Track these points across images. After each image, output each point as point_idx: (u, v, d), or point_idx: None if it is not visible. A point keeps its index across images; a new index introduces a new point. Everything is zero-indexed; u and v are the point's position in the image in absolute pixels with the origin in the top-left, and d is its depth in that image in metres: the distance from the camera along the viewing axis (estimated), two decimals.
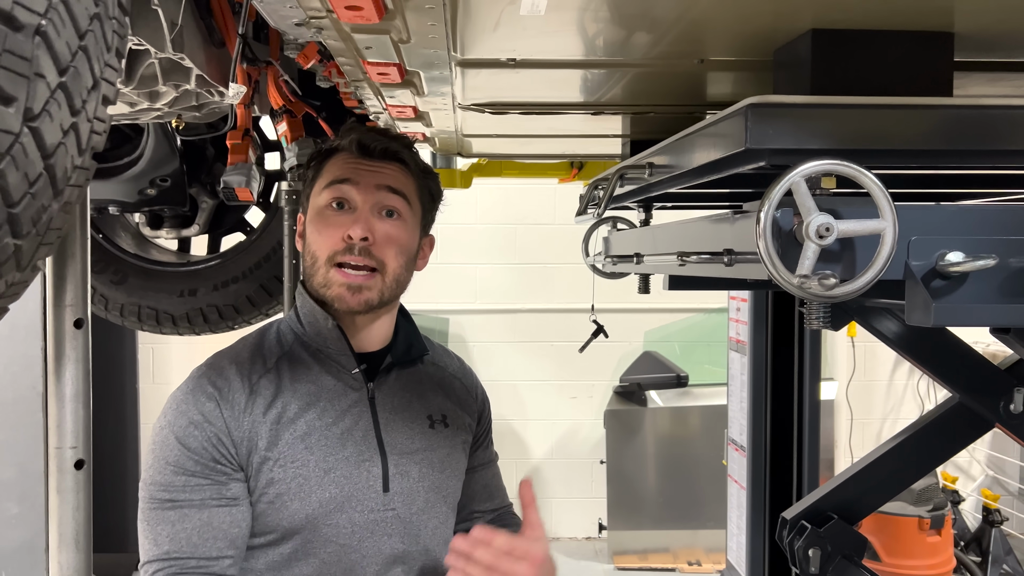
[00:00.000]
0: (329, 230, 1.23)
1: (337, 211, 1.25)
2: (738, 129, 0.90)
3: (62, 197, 0.66)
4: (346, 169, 1.26)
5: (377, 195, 1.25)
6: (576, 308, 4.77)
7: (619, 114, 1.57)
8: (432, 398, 1.39)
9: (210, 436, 1.17)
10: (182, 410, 1.19)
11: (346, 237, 1.21)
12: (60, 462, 0.89)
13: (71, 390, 0.89)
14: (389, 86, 1.34)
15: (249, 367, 1.24)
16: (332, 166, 1.28)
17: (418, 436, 1.32)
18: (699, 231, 1.22)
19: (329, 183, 1.26)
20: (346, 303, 1.23)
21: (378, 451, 1.27)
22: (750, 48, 1.06)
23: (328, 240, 1.23)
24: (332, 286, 1.23)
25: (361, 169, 1.26)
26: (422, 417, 1.35)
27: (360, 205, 1.24)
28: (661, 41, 1.05)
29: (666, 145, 1.20)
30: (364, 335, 1.30)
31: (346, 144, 1.28)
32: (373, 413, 1.29)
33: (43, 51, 0.58)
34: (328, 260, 1.23)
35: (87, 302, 0.94)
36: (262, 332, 1.33)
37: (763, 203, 0.85)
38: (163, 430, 1.18)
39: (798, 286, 0.84)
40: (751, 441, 3.01)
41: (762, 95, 0.89)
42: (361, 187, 1.25)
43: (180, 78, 1.38)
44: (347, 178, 1.25)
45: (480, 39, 1.01)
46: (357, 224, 1.22)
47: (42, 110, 0.59)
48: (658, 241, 1.52)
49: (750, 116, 0.88)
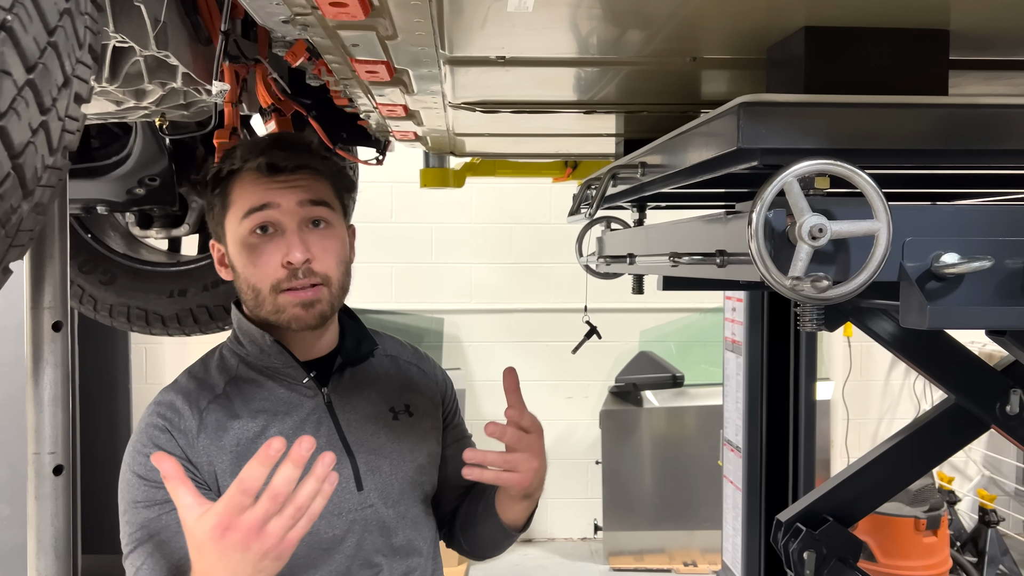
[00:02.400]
0: (263, 260, 1.20)
1: (263, 237, 1.21)
2: (730, 128, 0.89)
3: (32, 198, 0.64)
4: (261, 194, 1.21)
5: (301, 212, 1.21)
6: (571, 308, 4.75)
7: (612, 113, 1.55)
8: (391, 390, 1.37)
9: (168, 439, 1.18)
10: (137, 448, 1.20)
11: (285, 264, 1.19)
12: (39, 468, 0.87)
13: (49, 394, 0.87)
14: (378, 84, 1.32)
15: (196, 396, 1.23)
16: (243, 191, 1.22)
17: (383, 430, 1.32)
18: (692, 232, 1.21)
19: (247, 212, 1.21)
20: (303, 322, 1.22)
21: (345, 452, 1.27)
22: (743, 46, 1.05)
23: (265, 270, 1.20)
24: (285, 311, 1.21)
25: (276, 189, 1.21)
26: (384, 411, 1.34)
27: (287, 226, 1.21)
28: (653, 39, 1.03)
29: (658, 144, 1.19)
30: (310, 343, 1.29)
31: (253, 166, 1.22)
32: (333, 416, 1.28)
33: (8, 47, 0.56)
34: (273, 289, 1.21)
35: (66, 304, 0.92)
36: (204, 361, 1.32)
37: (755, 203, 0.84)
38: (125, 474, 1.19)
39: (790, 288, 0.83)
40: (747, 442, 3.00)
41: (755, 94, 0.87)
42: (283, 209, 1.20)
43: (166, 76, 1.36)
44: (265, 203, 1.20)
45: (468, 36, 0.99)
46: (293, 248, 1.19)
47: (8, 108, 0.57)
48: (651, 241, 1.50)
49: (742, 115, 0.87)
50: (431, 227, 4.72)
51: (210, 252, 1.45)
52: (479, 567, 4.56)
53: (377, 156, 2.09)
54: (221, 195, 1.25)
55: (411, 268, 4.67)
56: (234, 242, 1.23)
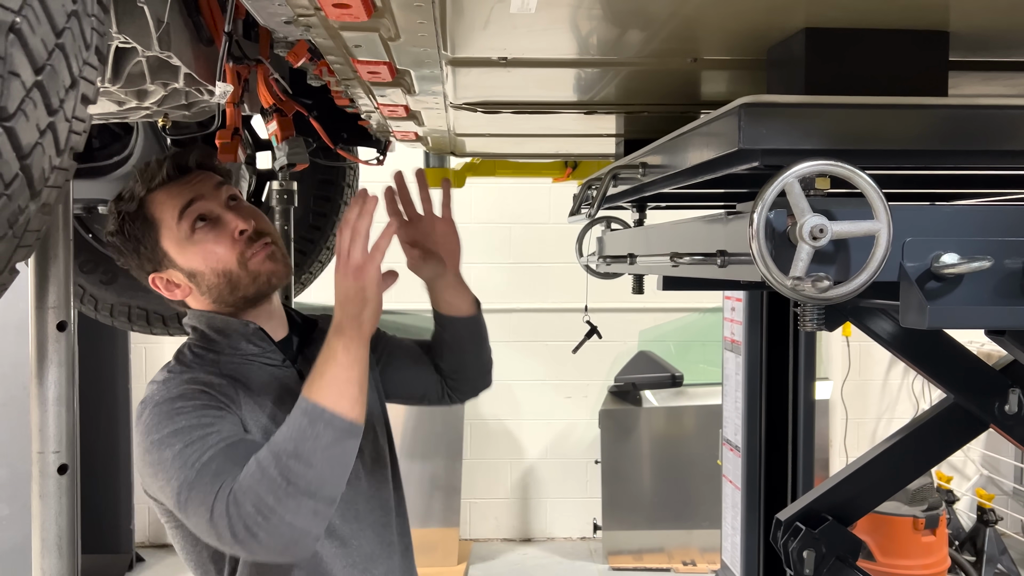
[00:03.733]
0: (220, 243, 1.28)
1: (205, 226, 1.28)
2: (731, 129, 0.89)
3: (40, 198, 0.65)
4: (183, 194, 1.28)
5: (221, 194, 1.31)
6: (571, 308, 4.75)
7: (612, 113, 1.55)
8: None
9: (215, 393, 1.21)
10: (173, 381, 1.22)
11: (238, 235, 1.28)
12: (43, 467, 0.87)
13: (54, 393, 0.87)
14: (380, 85, 1.33)
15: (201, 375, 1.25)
16: (165, 204, 1.28)
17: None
18: (692, 232, 1.21)
19: (181, 213, 1.27)
20: (280, 274, 1.32)
21: None
22: (743, 47, 1.05)
23: (225, 250, 1.28)
24: (262, 272, 1.30)
25: (192, 185, 1.30)
26: None
27: (218, 210, 1.29)
28: (654, 39, 1.03)
29: (659, 145, 1.19)
30: (275, 324, 1.37)
31: (162, 176, 1.30)
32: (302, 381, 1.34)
33: (17, 49, 0.56)
34: (240, 263, 1.28)
35: (71, 304, 0.92)
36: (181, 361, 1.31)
37: (756, 204, 0.84)
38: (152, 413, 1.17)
39: (791, 288, 0.83)
40: (746, 441, 3.01)
41: (755, 95, 0.88)
42: (208, 197, 1.29)
43: (168, 76, 1.37)
44: (191, 198, 1.28)
45: (470, 37, 0.99)
46: (238, 221, 1.29)
47: (17, 109, 0.57)
48: (651, 241, 1.50)
49: (743, 116, 0.87)
50: None
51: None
52: (479, 566, 4.57)
53: (378, 156, 2.10)
54: (143, 224, 1.29)
55: None
56: (181, 250, 1.28)
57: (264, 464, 1.05)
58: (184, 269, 1.28)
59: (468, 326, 1.51)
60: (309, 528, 1.06)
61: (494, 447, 4.86)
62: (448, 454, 4.32)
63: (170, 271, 1.29)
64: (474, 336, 1.53)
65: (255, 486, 1.04)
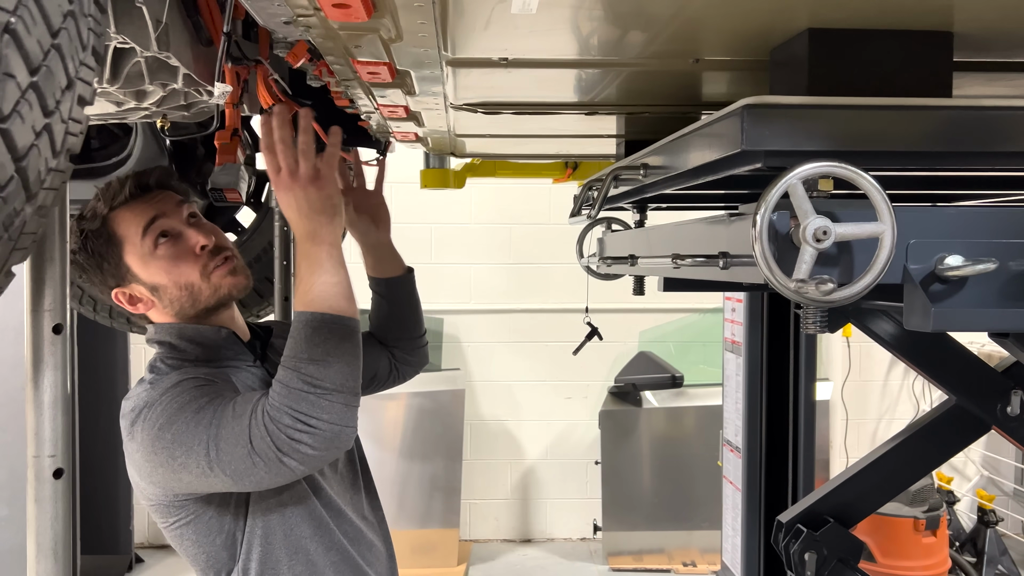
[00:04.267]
0: (181, 258, 1.32)
1: (167, 242, 1.32)
2: (734, 130, 0.88)
3: (36, 201, 0.64)
4: (145, 212, 1.32)
5: (181, 212, 1.36)
6: (571, 308, 4.75)
7: (613, 114, 1.55)
8: None
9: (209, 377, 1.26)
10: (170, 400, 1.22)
11: (199, 251, 1.33)
12: (38, 471, 0.87)
13: (50, 397, 0.87)
14: (380, 85, 1.32)
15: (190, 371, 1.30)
16: (128, 221, 1.32)
17: None
18: (694, 233, 1.20)
19: (144, 230, 1.31)
20: (241, 285, 1.37)
21: None
22: (746, 48, 1.05)
23: (188, 267, 1.32)
24: (223, 285, 1.34)
25: (154, 203, 1.33)
26: None
27: (179, 226, 1.34)
28: (656, 40, 1.03)
29: (661, 146, 1.19)
30: (238, 327, 1.42)
31: (123, 198, 1.33)
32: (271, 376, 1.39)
33: (12, 50, 0.55)
34: (203, 275, 1.33)
35: (66, 307, 0.92)
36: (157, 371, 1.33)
37: (759, 206, 0.84)
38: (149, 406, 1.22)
39: (795, 290, 0.83)
40: (746, 442, 3.00)
41: (758, 95, 0.87)
42: (169, 215, 1.34)
43: (167, 77, 1.36)
44: (154, 216, 1.32)
45: (471, 38, 0.99)
46: (199, 237, 1.33)
47: (12, 111, 0.56)
48: (653, 243, 1.50)
49: (746, 117, 0.87)
50: (430, 227, 4.72)
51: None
52: (479, 567, 4.56)
53: (378, 156, 2.09)
54: (106, 241, 1.32)
55: None
56: (144, 265, 1.32)
57: (286, 380, 1.12)
58: (147, 283, 1.32)
59: (403, 285, 1.65)
60: (346, 420, 1.14)
61: (494, 448, 4.86)
62: (448, 455, 4.31)
63: (133, 285, 1.33)
64: (410, 296, 1.67)
65: (285, 401, 1.11)
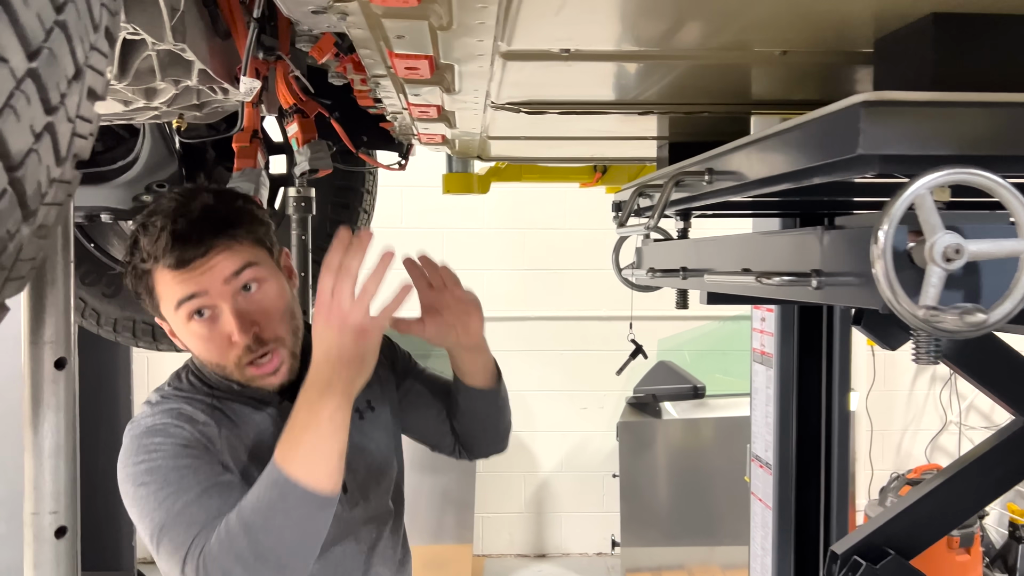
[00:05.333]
0: (214, 343, 1.18)
1: (203, 321, 1.17)
2: (847, 130, 0.76)
3: (35, 219, 0.51)
4: (183, 286, 1.15)
5: (229, 287, 1.16)
6: (586, 316, 4.62)
7: (666, 114, 1.42)
8: None
9: (196, 431, 1.16)
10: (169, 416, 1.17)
11: (232, 339, 1.17)
12: (38, 530, 0.73)
13: (51, 444, 0.74)
14: (416, 82, 1.20)
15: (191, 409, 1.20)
16: (165, 287, 1.16)
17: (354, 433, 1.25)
18: (770, 246, 1.09)
19: (178, 304, 1.16)
20: (273, 385, 1.22)
21: None
22: (846, 37, 0.92)
23: (218, 351, 1.18)
24: (254, 381, 1.21)
25: (195, 278, 1.14)
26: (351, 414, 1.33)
27: (221, 306, 1.16)
28: (745, 27, 0.90)
29: (736, 147, 1.05)
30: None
31: (163, 263, 1.15)
32: None
33: (5, 25, 0.42)
34: (236, 365, 1.19)
35: (71, 337, 0.78)
36: (177, 388, 1.26)
37: (883, 219, 0.72)
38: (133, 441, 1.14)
39: (924, 319, 0.71)
40: (778, 459, 2.89)
41: (874, 91, 0.75)
42: (211, 293, 1.15)
43: (180, 73, 1.24)
44: (191, 294, 1.15)
45: (537, 25, 0.86)
46: (234, 331, 1.16)
47: (4, 106, 0.44)
48: (714, 255, 1.38)
49: (864, 116, 0.74)
50: (443, 232, 4.59)
51: None
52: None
53: (400, 160, 1.96)
54: (146, 290, 1.19)
55: None
56: (179, 330, 1.20)
57: (233, 533, 1.02)
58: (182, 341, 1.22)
59: (485, 398, 1.41)
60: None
61: (507, 460, 4.72)
62: (460, 468, 4.19)
63: (171, 327, 1.23)
64: (490, 408, 1.44)
65: (224, 555, 1.01)
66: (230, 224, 1.17)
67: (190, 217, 1.15)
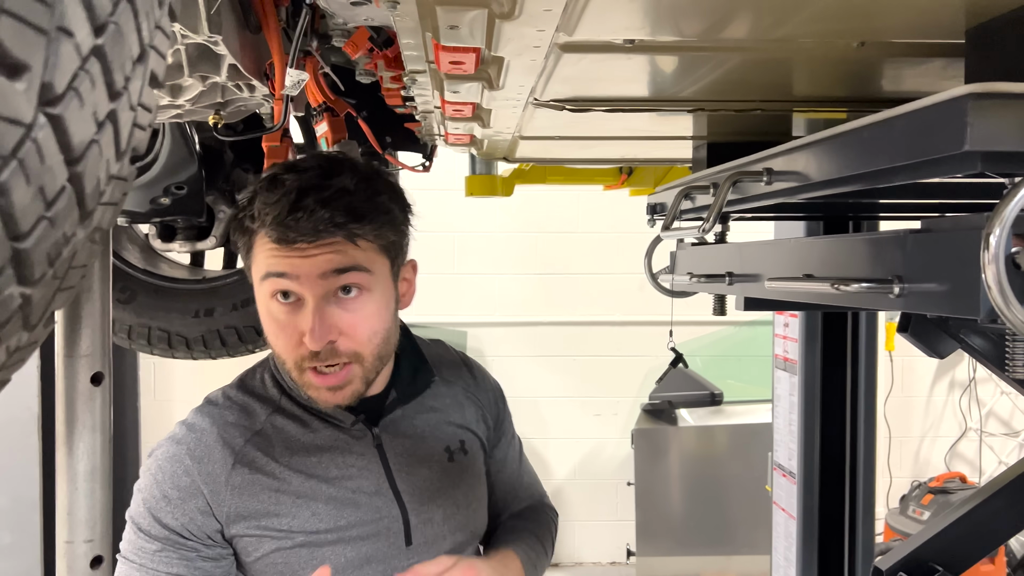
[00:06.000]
0: (284, 332, 1.04)
1: (284, 305, 1.03)
2: (953, 125, 0.70)
3: (91, 221, 0.44)
4: (278, 261, 1.01)
5: (324, 284, 1.01)
6: (599, 320, 4.55)
7: (714, 112, 1.35)
8: (447, 426, 1.25)
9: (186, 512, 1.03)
10: (157, 480, 1.04)
11: (302, 339, 1.02)
12: (72, 560, 0.67)
13: (86, 466, 0.67)
14: (457, 78, 1.13)
15: (233, 431, 1.09)
16: (260, 252, 1.04)
17: (438, 475, 1.19)
18: (837, 251, 1.03)
19: (265, 275, 1.03)
20: (329, 403, 1.08)
21: (395, 502, 1.14)
22: (936, 27, 0.86)
23: (286, 344, 1.04)
24: (309, 389, 1.07)
25: (294, 259, 1.00)
26: (439, 452, 1.22)
27: (308, 299, 1.02)
28: (824, 16, 0.84)
29: (803, 145, 0.99)
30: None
31: (267, 232, 1.02)
32: (383, 461, 1.15)
33: None
34: (296, 366, 1.05)
35: (108, 351, 0.72)
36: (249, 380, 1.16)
37: (994, 222, 0.68)
38: (137, 494, 1.03)
39: None
40: (803, 468, 2.83)
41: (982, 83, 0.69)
42: (302, 281, 1.01)
43: (209, 69, 1.17)
44: (282, 272, 1.01)
45: (610, 11, 0.80)
46: (308, 334, 1.01)
47: (68, 88, 0.37)
48: (761, 260, 1.31)
49: (971, 109, 0.69)
50: (453, 236, 4.52)
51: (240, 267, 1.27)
52: None
53: (424, 162, 1.90)
54: (244, 246, 1.08)
55: (433, 279, 4.47)
56: (259, 300, 1.07)
57: None
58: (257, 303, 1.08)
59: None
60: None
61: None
62: None
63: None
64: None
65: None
66: (358, 218, 1.02)
67: (319, 195, 0.99)
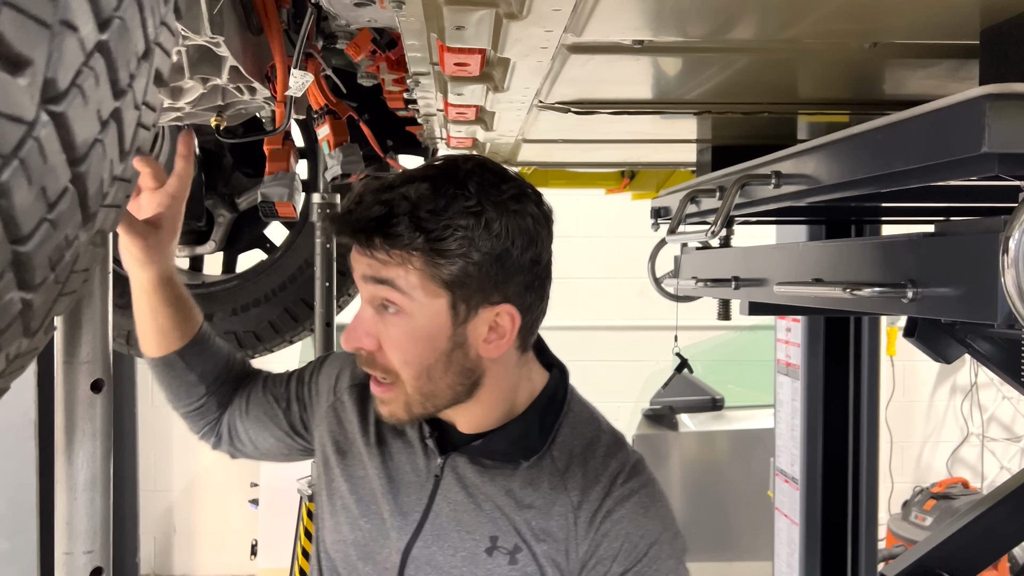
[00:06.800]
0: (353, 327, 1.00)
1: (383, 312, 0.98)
2: (970, 126, 0.69)
3: (94, 224, 0.43)
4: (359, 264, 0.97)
5: (365, 288, 0.96)
6: (598, 325, 4.54)
7: (720, 114, 1.34)
8: (515, 516, 1.01)
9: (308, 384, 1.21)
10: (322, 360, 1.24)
11: (350, 335, 0.98)
12: (71, 571, 0.65)
13: (86, 476, 0.65)
14: (462, 80, 1.12)
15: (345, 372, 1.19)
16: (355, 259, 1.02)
17: (462, 556, 1.01)
18: (846, 256, 1.01)
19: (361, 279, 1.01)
20: (379, 411, 1.03)
21: (412, 532, 1.03)
22: (951, 28, 0.84)
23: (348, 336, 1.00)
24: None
25: (356, 253, 0.96)
26: (483, 535, 1.01)
27: (363, 299, 0.99)
28: (837, 17, 0.83)
29: (813, 147, 0.98)
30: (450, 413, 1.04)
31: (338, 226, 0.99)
32: (432, 494, 1.03)
33: None
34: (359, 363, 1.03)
35: (109, 357, 0.70)
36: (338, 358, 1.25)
37: (1013, 226, 0.67)
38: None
39: None
40: (805, 474, 2.81)
41: (999, 84, 0.68)
42: (357, 277, 0.98)
43: (210, 71, 1.16)
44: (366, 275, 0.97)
45: (620, 11, 0.78)
46: (344, 332, 0.98)
47: (71, 84, 0.36)
48: (767, 264, 1.30)
49: (989, 110, 0.67)
50: None
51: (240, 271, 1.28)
52: None
53: None
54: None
55: None
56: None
57: None
58: None
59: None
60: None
61: None
62: None
63: None
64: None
65: None
66: (391, 234, 0.91)
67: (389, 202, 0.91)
